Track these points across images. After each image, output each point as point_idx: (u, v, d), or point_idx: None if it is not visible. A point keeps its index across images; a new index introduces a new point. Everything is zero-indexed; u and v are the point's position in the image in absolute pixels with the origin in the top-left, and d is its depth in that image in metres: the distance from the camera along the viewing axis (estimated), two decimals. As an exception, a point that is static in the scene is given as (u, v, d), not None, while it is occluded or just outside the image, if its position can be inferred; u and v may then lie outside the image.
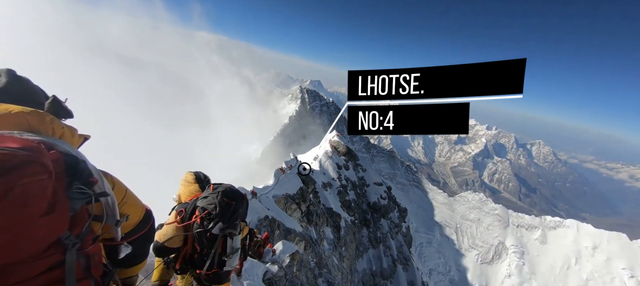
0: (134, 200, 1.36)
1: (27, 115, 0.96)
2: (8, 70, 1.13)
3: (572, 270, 64.36)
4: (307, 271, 7.78)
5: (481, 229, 74.53)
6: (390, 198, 39.82)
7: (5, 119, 0.92)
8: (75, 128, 1.14)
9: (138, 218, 1.37)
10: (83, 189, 0.93)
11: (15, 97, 1.06)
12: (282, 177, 23.53)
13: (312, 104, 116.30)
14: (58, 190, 0.81)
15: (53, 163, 0.82)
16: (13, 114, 0.94)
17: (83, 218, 0.95)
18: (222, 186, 2.04)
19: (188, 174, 2.42)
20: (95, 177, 1.03)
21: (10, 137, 0.80)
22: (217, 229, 1.94)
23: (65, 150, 0.95)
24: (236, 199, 2.00)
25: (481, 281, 64.69)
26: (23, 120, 0.94)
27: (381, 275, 31.88)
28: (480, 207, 78.93)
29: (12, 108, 0.95)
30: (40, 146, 0.82)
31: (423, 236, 69.52)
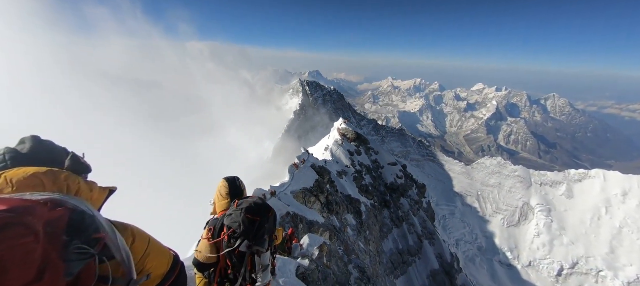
0: (159, 250, 1.27)
1: (41, 175, 0.97)
2: (32, 136, 1.17)
3: (604, 220, 62.51)
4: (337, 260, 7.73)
5: (503, 193, 73.13)
6: (406, 176, 39.41)
7: (21, 182, 0.93)
8: (94, 182, 1.13)
9: (163, 270, 1.25)
10: (84, 248, 0.84)
11: (38, 160, 1.09)
12: (296, 172, 23.55)
13: (314, 95, 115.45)
14: (50, 253, 0.72)
15: (47, 222, 0.75)
16: (28, 176, 0.95)
17: (87, 281, 0.86)
18: (246, 202, 1.95)
19: (222, 186, 2.32)
20: (102, 232, 0.93)
21: (4, 199, 0.76)
22: (244, 247, 1.88)
23: (74, 207, 0.89)
24: (261, 215, 1.92)
25: (510, 244, 63.93)
26: (37, 181, 0.95)
27: (408, 252, 31.91)
28: (500, 170, 77.21)
29: (28, 170, 0.97)
30: (38, 206, 0.77)
31: (445, 208, 68.92)
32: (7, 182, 0.93)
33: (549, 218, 65.75)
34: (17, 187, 0.92)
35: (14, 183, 0.93)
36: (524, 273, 58.78)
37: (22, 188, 0.92)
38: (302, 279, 4.59)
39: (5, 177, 0.94)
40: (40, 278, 0.67)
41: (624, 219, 60.73)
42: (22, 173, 0.96)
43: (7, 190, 0.91)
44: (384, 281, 21.06)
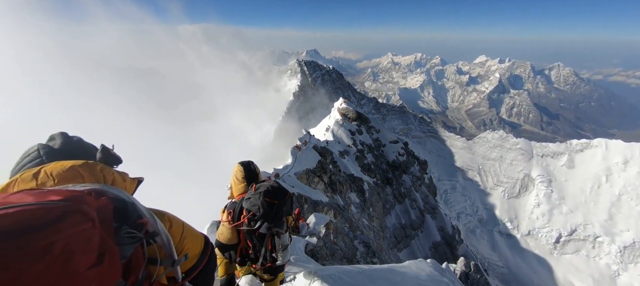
0: (193, 233, 1.37)
1: (79, 168, 1.02)
2: (61, 133, 1.22)
3: (603, 188, 63.39)
4: (344, 237, 8.02)
5: (504, 166, 73.74)
6: (408, 153, 39.66)
7: (61, 175, 0.97)
8: (126, 172, 1.18)
9: (198, 251, 1.36)
10: (132, 233, 0.90)
11: (69, 154, 1.13)
12: (299, 154, 23.74)
13: (312, 75, 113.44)
14: (106, 238, 0.76)
15: (98, 209, 0.79)
16: (67, 169, 1.00)
17: (138, 263, 0.93)
18: (264, 186, 2.03)
19: (238, 169, 2.43)
20: (145, 217, 1.00)
21: (55, 190, 0.79)
22: (264, 228, 1.98)
23: (116, 195, 0.94)
24: (279, 198, 2.00)
25: (510, 215, 65.49)
26: (76, 173, 1.00)
27: (411, 227, 32.88)
28: (501, 144, 77.30)
29: (66, 164, 1.02)
30: (83, 194, 0.81)
31: (446, 183, 69.94)
32: (48, 175, 0.97)
33: (549, 189, 66.74)
34: (58, 179, 0.96)
35: (54, 176, 0.97)
36: (523, 242, 60.72)
37: (63, 181, 0.96)
38: (312, 256, 4.81)
39: (45, 171, 0.98)
40: (100, 262, 0.71)
41: (623, 186, 61.54)
42: (61, 167, 1.00)
43: (49, 183, 0.95)
44: (387, 254, 21.92)
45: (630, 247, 54.11)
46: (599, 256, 55.83)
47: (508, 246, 59.18)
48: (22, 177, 0.95)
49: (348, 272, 3.09)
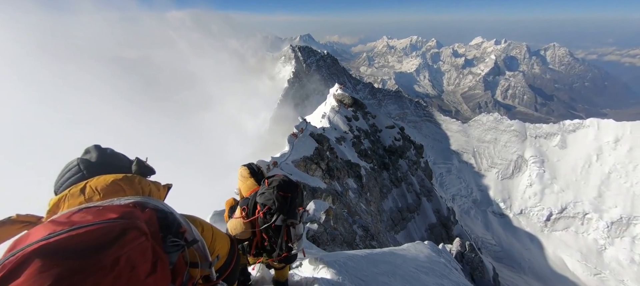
0: (221, 235, 1.48)
1: (120, 181, 1.08)
2: (95, 146, 1.30)
3: (594, 167, 65.01)
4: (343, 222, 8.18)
5: (498, 148, 74.85)
6: (404, 138, 39.90)
7: (105, 189, 1.04)
8: (159, 182, 1.26)
9: (227, 250, 1.49)
10: (176, 241, 1.01)
11: (105, 167, 1.21)
12: (296, 142, 23.73)
13: (307, 61, 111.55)
14: (156, 248, 0.86)
15: (147, 223, 0.89)
16: (110, 183, 1.06)
17: (181, 268, 1.03)
18: (276, 179, 2.13)
19: (242, 169, 2.55)
20: (184, 226, 1.11)
21: (109, 207, 0.89)
22: (279, 221, 2.07)
23: (156, 206, 1.05)
24: (291, 191, 2.10)
25: (503, 196, 67.20)
26: (118, 187, 1.07)
27: (408, 210, 33.60)
28: (496, 126, 78.08)
29: (108, 178, 1.09)
30: (134, 210, 0.92)
31: (442, 166, 71.04)
32: (94, 190, 1.03)
33: (542, 169, 68.26)
34: (103, 194, 1.02)
35: (99, 190, 1.03)
36: (516, 221, 62.72)
37: (107, 194, 1.03)
38: (313, 241, 4.92)
39: (90, 186, 1.05)
40: (155, 270, 0.81)
41: (613, 165, 63.16)
42: (104, 181, 1.07)
43: (96, 197, 1.01)
44: (385, 237, 22.50)
45: (617, 222, 56.27)
46: (588, 232, 58.09)
47: (501, 225, 61.13)
48: (71, 192, 1.02)
49: (352, 257, 3.19)
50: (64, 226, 0.74)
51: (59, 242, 0.67)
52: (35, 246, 0.66)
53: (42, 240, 0.68)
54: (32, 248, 0.65)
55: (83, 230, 0.71)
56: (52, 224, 0.77)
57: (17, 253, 0.65)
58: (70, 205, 0.97)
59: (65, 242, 0.68)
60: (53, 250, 0.66)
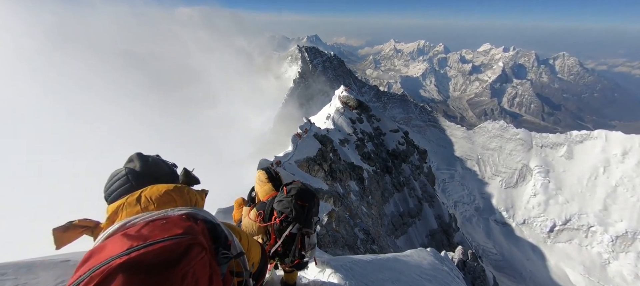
0: (254, 243, 1.51)
1: (172, 192, 1.11)
2: (137, 154, 1.33)
3: (600, 179, 63.99)
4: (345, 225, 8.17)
5: (503, 156, 74.10)
6: (408, 142, 39.74)
7: (159, 200, 1.07)
8: (201, 191, 1.28)
9: (259, 258, 1.53)
10: (226, 254, 1.05)
11: (149, 176, 1.25)
12: (299, 142, 23.78)
13: (313, 62, 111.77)
14: (212, 261, 0.91)
15: (203, 236, 0.93)
16: (162, 194, 1.09)
17: (229, 279, 1.08)
18: (294, 188, 2.15)
19: (261, 173, 2.57)
20: (229, 238, 1.15)
21: (173, 221, 0.93)
22: (295, 229, 2.09)
23: (205, 218, 1.08)
24: (309, 200, 2.12)
25: (506, 204, 66.47)
26: (170, 197, 1.10)
27: (409, 214, 33.43)
28: (501, 134, 77.32)
29: (160, 188, 1.11)
30: (193, 225, 0.95)
31: (445, 172, 70.54)
32: (149, 200, 1.07)
33: (547, 179, 67.39)
34: (157, 204, 1.06)
35: (154, 200, 1.07)
36: (518, 231, 61.96)
37: (161, 205, 1.06)
38: (314, 243, 4.92)
39: (144, 195, 1.08)
40: (211, 282, 0.86)
41: (620, 178, 62.09)
42: (157, 192, 1.09)
43: (151, 207, 1.05)
44: (385, 241, 22.40)
45: (623, 237, 55.29)
46: (591, 245, 57.15)
47: (503, 234, 60.43)
48: (128, 201, 1.06)
49: (357, 262, 3.22)
50: (137, 241, 0.79)
51: (138, 257, 0.72)
52: (118, 261, 0.71)
53: (124, 254, 0.73)
54: (116, 263, 0.70)
55: (157, 246, 0.76)
56: (126, 238, 0.82)
57: (102, 267, 0.70)
58: (128, 214, 1.02)
59: (142, 257, 0.73)
60: (133, 265, 0.71)
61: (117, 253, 0.74)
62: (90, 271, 0.71)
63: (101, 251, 0.80)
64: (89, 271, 0.71)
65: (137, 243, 0.78)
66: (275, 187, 2.45)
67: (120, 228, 0.93)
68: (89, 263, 0.77)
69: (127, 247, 0.76)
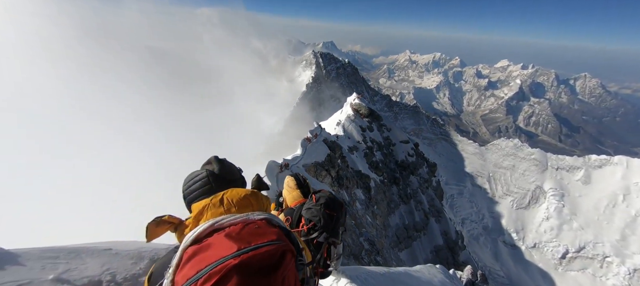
0: (306, 248, 1.52)
1: (250, 197, 1.15)
2: (215, 158, 1.38)
3: (619, 208, 60.99)
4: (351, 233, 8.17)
5: (516, 175, 71.90)
6: (418, 154, 39.29)
7: (239, 203, 1.10)
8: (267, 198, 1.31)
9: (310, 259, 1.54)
10: (302, 260, 1.10)
11: (225, 179, 1.30)
12: (309, 146, 23.95)
13: (327, 68, 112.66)
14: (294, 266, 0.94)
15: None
16: (242, 197, 1.13)
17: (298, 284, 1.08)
18: (323, 196, 2.16)
19: (289, 179, 2.62)
20: (302, 246, 1.20)
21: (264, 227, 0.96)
22: (322, 238, 2.09)
23: (279, 224, 1.10)
24: (337, 210, 2.12)
25: (517, 226, 64.21)
26: (248, 202, 1.13)
27: (414, 228, 32.87)
28: (515, 153, 75.17)
29: (240, 192, 1.15)
30: (280, 231, 1.00)
31: (454, 188, 68.97)
32: (231, 202, 1.10)
33: (561, 203, 64.82)
34: (238, 207, 1.09)
35: (235, 203, 1.10)
36: (528, 254, 59.62)
37: (241, 208, 1.09)
38: (320, 249, 4.98)
39: (226, 198, 1.11)
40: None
41: (641, 208, 59.03)
42: (237, 195, 1.13)
43: (233, 209, 1.08)
44: (389, 253, 22.09)
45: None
46: (606, 277, 54.28)
47: (511, 257, 58.27)
48: (212, 203, 1.10)
49: (371, 274, 3.27)
50: (243, 243, 0.82)
51: (248, 260, 0.76)
52: (233, 262, 0.74)
53: (236, 255, 0.76)
54: (232, 264, 0.74)
55: (263, 250, 0.80)
56: (231, 239, 0.86)
57: (219, 266, 0.74)
58: (213, 214, 1.05)
59: (251, 260, 0.76)
60: (245, 267, 0.74)
61: (228, 254, 0.77)
62: (208, 268, 0.74)
63: (207, 249, 0.84)
64: (206, 267, 0.75)
65: (244, 245, 0.81)
66: (303, 194, 2.49)
67: (209, 227, 0.97)
68: (196, 259, 0.81)
69: (236, 249, 0.79)
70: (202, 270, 0.74)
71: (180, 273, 0.81)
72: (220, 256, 0.77)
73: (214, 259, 0.77)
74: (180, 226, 1.11)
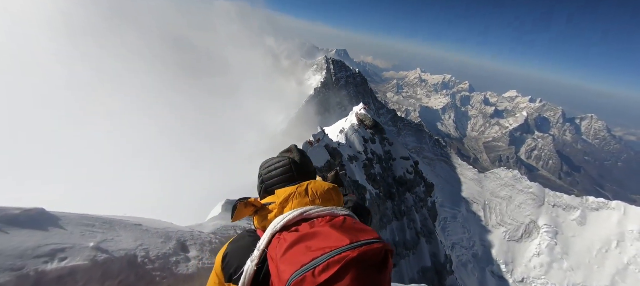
0: None
1: (331, 191, 1.14)
2: (295, 147, 1.41)
3: (612, 253, 60.65)
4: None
5: (512, 207, 71.78)
6: (417, 172, 39.58)
7: (323, 196, 1.09)
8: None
9: None
10: None
11: (304, 169, 1.31)
12: (310, 149, 24.36)
13: (337, 75, 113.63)
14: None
15: None
16: (325, 191, 1.12)
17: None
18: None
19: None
20: None
21: (365, 227, 0.92)
22: None
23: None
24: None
25: (506, 258, 63.89)
26: (330, 196, 1.12)
27: (404, 246, 32.99)
28: (513, 184, 75.18)
29: (324, 185, 1.15)
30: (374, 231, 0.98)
31: (448, 211, 68.89)
32: (315, 194, 1.09)
33: (554, 241, 64.56)
34: (321, 200, 1.08)
35: (319, 195, 1.10)
36: (515, 288, 59.23)
37: (324, 201, 1.09)
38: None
39: (311, 189, 1.11)
40: None
41: (633, 256, 58.64)
42: (321, 187, 1.13)
43: (317, 201, 1.07)
44: (376, 266, 22.27)
45: (627, 320, 51.83)
46: (592, 321, 53.82)
47: (498, 287, 57.94)
48: (298, 191, 1.09)
49: None
50: (353, 236, 0.80)
51: (364, 254, 0.74)
52: (351, 255, 0.73)
53: (352, 248, 0.75)
54: (350, 256, 0.72)
55: (375, 246, 0.78)
56: (339, 230, 0.84)
57: (337, 256, 0.72)
58: (298, 203, 1.05)
59: (366, 255, 0.75)
60: (362, 261, 0.73)
61: (341, 245, 0.76)
62: (325, 256, 0.72)
63: (314, 238, 0.82)
64: (322, 256, 0.73)
65: (355, 239, 0.79)
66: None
67: (298, 216, 0.96)
68: (304, 246, 0.79)
69: (348, 241, 0.77)
70: (318, 258, 0.73)
71: (286, 259, 0.79)
72: (333, 246, 0.75)
73: (327, 248, 0.75)
74: (263, 210, 1.10)
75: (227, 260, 1.06)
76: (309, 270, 0.71)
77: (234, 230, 6.12)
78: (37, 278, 1.52)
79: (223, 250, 1.12)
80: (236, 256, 1.04)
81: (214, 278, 1.10)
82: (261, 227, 1.10)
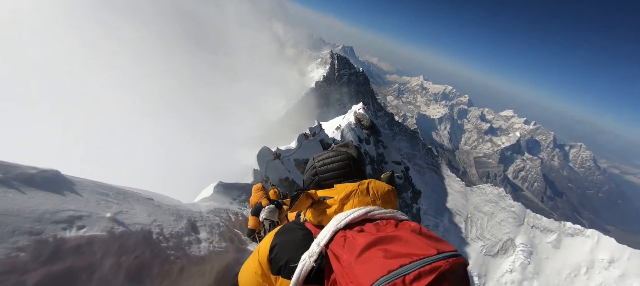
0: None
1: (390, 193, 1.09)
2: (352, 142, 1.37)
3: (580, 279, 63.31)
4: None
5: (492, 223, 73.92)
6: (406, 178, 40.35)
7: (383, 197, 1.04)
8: None
9: None
10: None
11: (359, 166, 1.27)
12: (305, 142, 24.64)
13: (340, 71, 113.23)
14: None
15: None
16: (386, 192, 1.07)
17: None
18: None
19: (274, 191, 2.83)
20: None
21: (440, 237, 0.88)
22: None
23: None
24: None
25: (480, 271, 66.12)
26: (389, 198, 1.07)
27: (384, 247, 33.88)
28: (497, 201, 77.26)
29: (384, 187, 1.09)
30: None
31: (431, 219, 70.52)
32: (376, 195, 1.04)
33: (528, 260, 66.98)
34: (382, 201, 1.03)
35: (379, 196, 1.04)
36: (485, 300, 61.53)
37: (384, 202, 1.03)
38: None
39: (372, 188, 1.06)
40: None
41: (600, 284, 61.38)
42: (381, 188, 1.07)
43: (378, 202, 1.02)
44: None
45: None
46: (552, 340, 56.46)
47: (470, 298, 60.00)
48: (360, 189, 1.04)
49: None
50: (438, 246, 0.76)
51: (453, 267, 0.70)
52: (445, 266, 0.68)
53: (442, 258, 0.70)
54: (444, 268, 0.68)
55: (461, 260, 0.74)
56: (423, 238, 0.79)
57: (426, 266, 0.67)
58: (360, 202, 1.00)
59: (455, 268, 0.71)
60: (452, 273, 0.69)
61: (429, 254, 0.70)
62: (415, 265, 0.67)
63: (394, 242, 0.77)
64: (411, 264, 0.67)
65: (442, 249, 0.74)
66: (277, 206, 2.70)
67: (363, 215, 0.92)
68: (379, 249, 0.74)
69: (435, 251, 0.72)
70: (407, 266, 0.67)
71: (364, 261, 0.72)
72: (421, 255, 0.70)
73: (414, 256, 0.70)
74: (320, 204, 1.05)
75: (276, 252, 0.99)
76: (399, 277, 0.65)
77: (227, 214, 6.30)
78: (56, 246, 1.40)
79: (269, 240, 1.05)
80: (286, 249, 0.98)
81: (256, 268, 1.04)
82: (317, 222, 1.04)
